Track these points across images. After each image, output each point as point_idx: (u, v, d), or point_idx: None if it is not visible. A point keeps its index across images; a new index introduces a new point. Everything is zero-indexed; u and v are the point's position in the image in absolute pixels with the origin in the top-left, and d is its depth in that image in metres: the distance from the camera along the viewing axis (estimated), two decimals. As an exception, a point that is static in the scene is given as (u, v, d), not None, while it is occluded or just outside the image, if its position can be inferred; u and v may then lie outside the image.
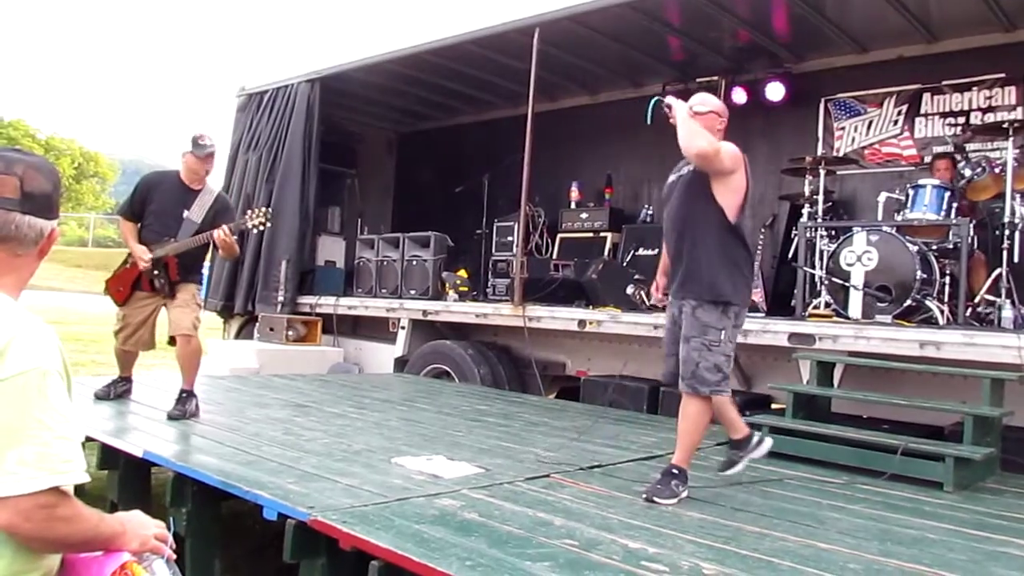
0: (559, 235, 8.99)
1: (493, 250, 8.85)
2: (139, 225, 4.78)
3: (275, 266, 8.80)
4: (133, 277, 4.74)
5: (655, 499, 3.26)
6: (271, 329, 8.45)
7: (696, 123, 3.40)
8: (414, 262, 8.37)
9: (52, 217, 1.70)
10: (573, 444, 4.47)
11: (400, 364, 7.87)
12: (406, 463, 3.67)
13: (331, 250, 9.94)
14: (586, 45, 7.74)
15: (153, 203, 4.73)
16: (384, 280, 8.64)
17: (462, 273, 8.37)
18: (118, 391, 5.04)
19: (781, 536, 2.87)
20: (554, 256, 8.78)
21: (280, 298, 8.68)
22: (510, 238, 8.64)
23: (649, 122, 3.56)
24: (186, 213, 4.68)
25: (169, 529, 1.84)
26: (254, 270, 9.06)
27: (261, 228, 4.72)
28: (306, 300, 8.86)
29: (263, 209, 4.68)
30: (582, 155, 9.36)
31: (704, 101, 3.55)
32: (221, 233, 4.49)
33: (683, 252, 3.47)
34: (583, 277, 6.91)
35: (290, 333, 8.34)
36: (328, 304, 8.69)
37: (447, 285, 8.02)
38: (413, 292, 8.25)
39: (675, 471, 3.36)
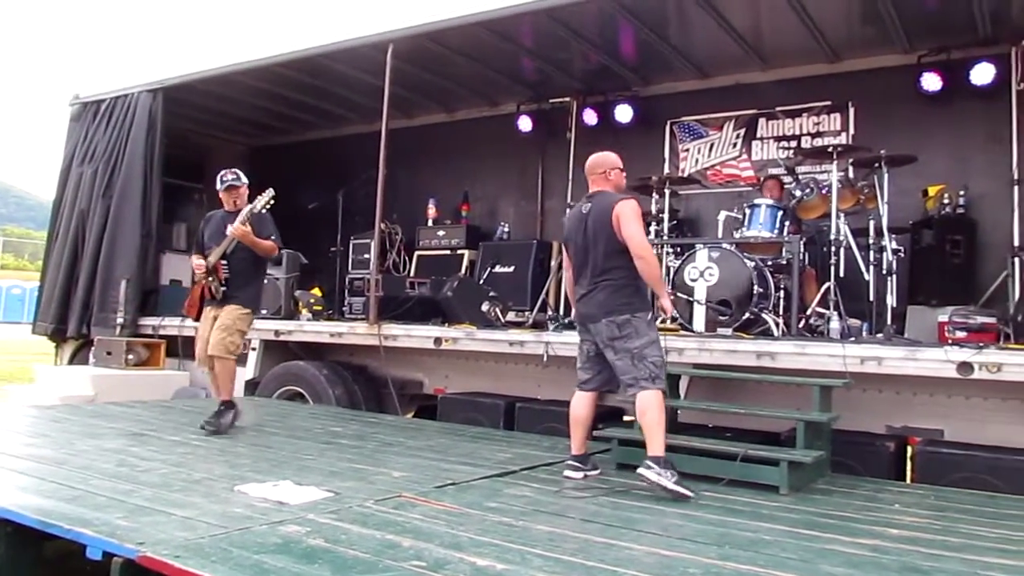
0: (416, 253, 8.94)
1: (349, 268, 8.67)
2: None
3: (113, 286, 8.30)
4: (200, 291, 5.43)
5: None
6: (108, 353, 7.93)
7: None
8: (266, 280, 8.06)
9: None
10: (427, 463, 4.41)
11: (251, 387, 7.54)
12: (250, 490, 3.51)
13: (177, 268, 9.41)
14: (442, 63, 7.77)
15: (207, 233, 5.58)
16: (234, 299, 8.28)
17: (316, 292, 8.18)
18: (229, 420, 5.29)
19: (627, 545, 2.93)
20: (411, 274, 8.71)
21: (119, 320, 8.18)
22: (366, 256, 8.50)
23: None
24: (228, 229, 5.31)
25: None
26: (89, 290, 8.52)
27: (269, 206, 5.35)
28: (148, 322, 8.37)
29: (268, 192, 5.33)
30: (439, 172, 9.36)
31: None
32: (231, 229, 5.20)
33: None
34: (439, 295, 6.87)
35: (130, 357, 7.87)
36: (173, 325, 8.22)
37: (301, 304, 7.81)
38: (265, 312, 7.92)
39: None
